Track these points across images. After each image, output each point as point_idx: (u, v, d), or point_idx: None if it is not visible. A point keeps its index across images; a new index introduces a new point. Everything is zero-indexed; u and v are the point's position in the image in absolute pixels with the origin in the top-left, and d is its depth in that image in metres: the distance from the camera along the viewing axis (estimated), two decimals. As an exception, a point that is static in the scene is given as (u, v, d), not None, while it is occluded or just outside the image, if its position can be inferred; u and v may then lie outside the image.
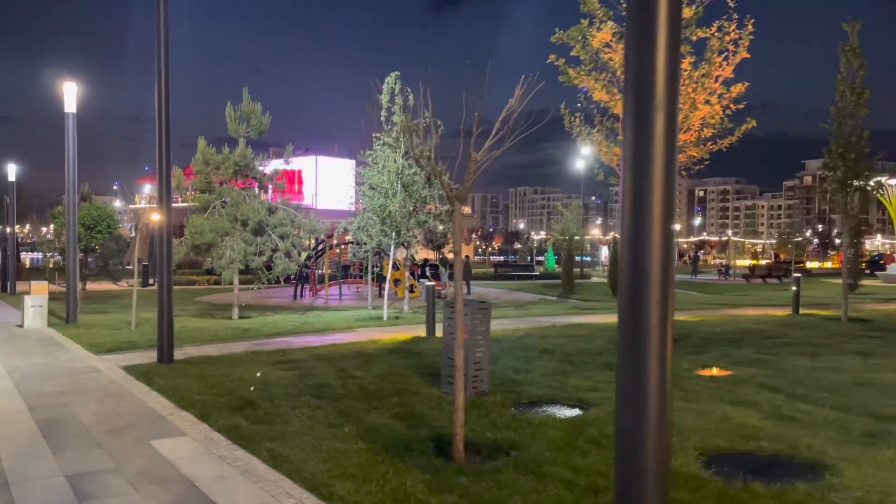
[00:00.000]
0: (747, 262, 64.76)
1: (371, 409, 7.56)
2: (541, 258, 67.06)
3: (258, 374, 9.39)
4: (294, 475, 5.27)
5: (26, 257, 52.20)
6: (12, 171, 27.42)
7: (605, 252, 70.98)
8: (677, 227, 47.37)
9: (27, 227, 74.68)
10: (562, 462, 5.66)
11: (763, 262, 57.89)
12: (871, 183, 17.73)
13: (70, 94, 16.06)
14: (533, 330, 14.25)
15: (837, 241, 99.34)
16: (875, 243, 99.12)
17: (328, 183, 53.19)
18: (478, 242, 69.90)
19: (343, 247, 28.54)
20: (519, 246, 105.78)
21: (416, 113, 16.62)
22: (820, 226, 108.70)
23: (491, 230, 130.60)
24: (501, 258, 78.16)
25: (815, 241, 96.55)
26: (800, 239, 58.65)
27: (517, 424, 6.90)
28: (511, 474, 5.34)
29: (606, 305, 22.68)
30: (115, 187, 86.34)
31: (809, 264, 64.99)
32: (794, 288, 19.56)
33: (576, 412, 7.47)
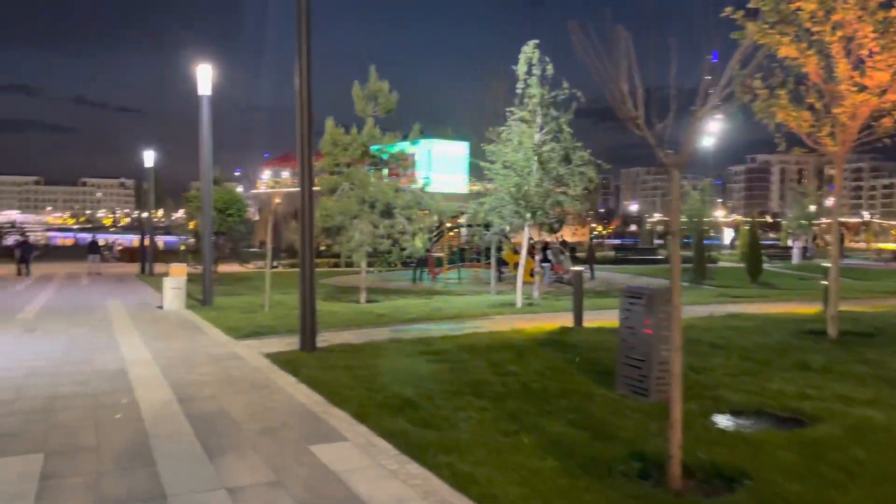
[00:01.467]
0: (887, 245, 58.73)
1: (543, 413, 6.59)
2: (661, 241, 63.92)
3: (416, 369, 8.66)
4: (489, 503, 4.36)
5: (159, 240, 55.09)
6: (149, 158, 28.51)
7: (728, 235, 66.68)
8: (812, 207, 43.00)
9: (160, 211, 79.40)
10: (817, 499, 4.45)
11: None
12: None
13: (205, 76, 16.02)
14: (691, 321, 12.78)
15: None
16: None
17: (441, 166, 52.83)
18: (593, 224, 67.42)
19: (457, 230, 27.95)
20: (634, 228, 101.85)
21: (556, 84, 15.53)
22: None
23: (602, 211, 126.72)
24: (618, 241, 75.18)
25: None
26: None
27: (730, 441, 5.71)
28: (759, 515, 4.21)
29: (757, 293, 20.70)
30: (236, 173, 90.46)
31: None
32: None
33: (797, 427, 6.17)
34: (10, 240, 53.82)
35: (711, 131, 47.15)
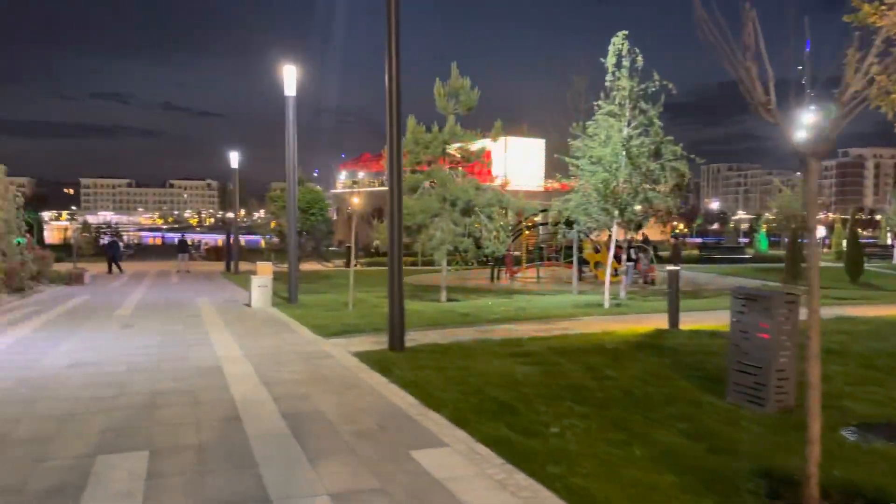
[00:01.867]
0: None
1: (650, 421, 6.21)
2: (746, 239, 61.33)
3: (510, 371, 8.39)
4: (609, 522, 4.05)
5: (242, 239, 56.76)
6: (235, 159, 29.27)
7: (821, 233, 63.42)
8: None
9: (242, 211, 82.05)
10: None
11: None
12: None
13: (290, 77, 16.22)
14: (796, 324, 12.00)
15: None
16: None
17: (517, 163, 52.34)
18: (675, 223, 65.20)
19: (533, 229, 27.52)
20: (717, 226, 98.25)
21: (646, 76, 14.90)
22: None
23: (683, 208, 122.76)
24: (699, 240, 72.43)
25: None
26: None
27: (865, 457, 5.20)
28: (921, 547, 3.73)
29: (860, 294, 19.42)
30: (315, 174, 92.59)
31: None
32: None
33: (941, 445, 5.57)
34: (105, 239, 56.67)
35: (806, 124, 44.81)
